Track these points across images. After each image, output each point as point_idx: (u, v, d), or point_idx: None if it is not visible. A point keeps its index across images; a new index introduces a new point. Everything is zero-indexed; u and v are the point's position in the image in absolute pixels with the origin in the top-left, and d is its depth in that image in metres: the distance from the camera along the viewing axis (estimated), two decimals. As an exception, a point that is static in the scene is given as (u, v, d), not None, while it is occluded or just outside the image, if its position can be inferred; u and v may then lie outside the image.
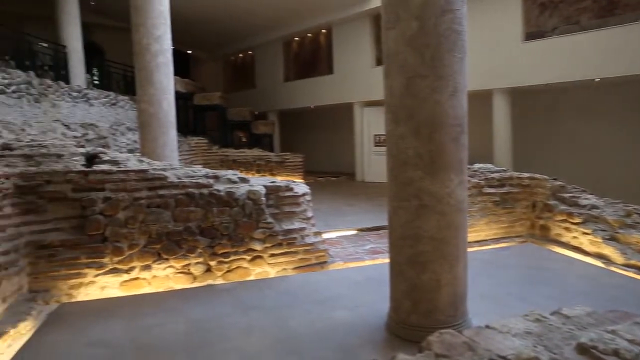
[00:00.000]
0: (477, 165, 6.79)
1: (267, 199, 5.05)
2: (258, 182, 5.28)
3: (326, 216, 7.79)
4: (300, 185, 5.55)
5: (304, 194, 5.39)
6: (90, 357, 3.23)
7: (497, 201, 6.29)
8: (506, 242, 6.14)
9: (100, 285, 4.37)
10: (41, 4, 13.45)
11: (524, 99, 11.30)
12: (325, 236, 5.92)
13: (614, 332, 1.82)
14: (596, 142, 10.70)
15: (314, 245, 5.20)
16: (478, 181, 6.28)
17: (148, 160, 5.30)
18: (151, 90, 7.71)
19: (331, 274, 5.03)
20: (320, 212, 7.49)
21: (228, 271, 4.79)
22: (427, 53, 3.19)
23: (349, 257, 5.51)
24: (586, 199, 5.87)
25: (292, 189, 5.28)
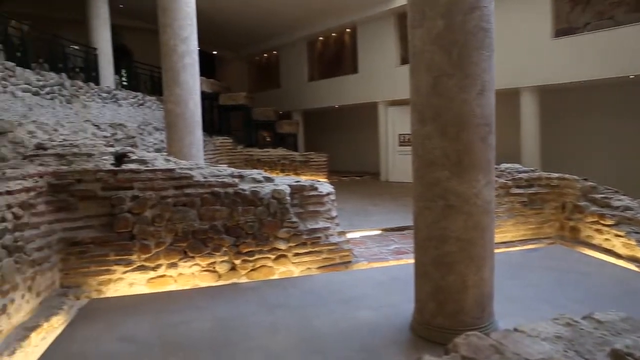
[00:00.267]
0: (504, 165, 6.66)
1: (292, 198, 5.07)
2: (283, 181, 5.30)
3: (350, 216, 7.77)
4: (325, 184, 5.54)
5: (328, 194, 5.39)
6: (119, 352, 3.31)
7: (525, 202, 6.15)
8: (534, 243, 6.00)
9: (128, 282, 4.47)
10: (73, 8, 13.89)
11: (553, 97, 11.01)
12: (350, 236, 5.90)
13: (650, 339, 1.76)
14: (630, 141, 10.34)
15: (338, 244, 5.19)
16: (505, 181, 6.16)
17: (175, 159, 5.39)
18: (178, 90, 7.84)
19: (355, 273, 5.02)
20: (345, 211, 7.48)
21: (252, 270, 4.83)
22: (454, 51, 3.14)
23: (373, 257, 5.49)
24: (619, 200, 5.68)
25: (316, 189, 5.29)
